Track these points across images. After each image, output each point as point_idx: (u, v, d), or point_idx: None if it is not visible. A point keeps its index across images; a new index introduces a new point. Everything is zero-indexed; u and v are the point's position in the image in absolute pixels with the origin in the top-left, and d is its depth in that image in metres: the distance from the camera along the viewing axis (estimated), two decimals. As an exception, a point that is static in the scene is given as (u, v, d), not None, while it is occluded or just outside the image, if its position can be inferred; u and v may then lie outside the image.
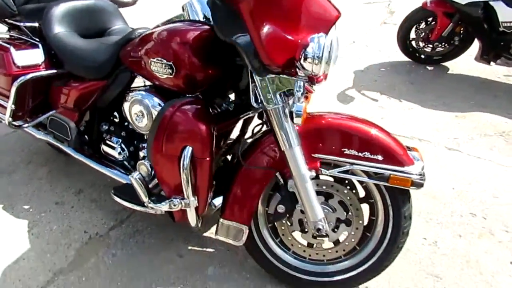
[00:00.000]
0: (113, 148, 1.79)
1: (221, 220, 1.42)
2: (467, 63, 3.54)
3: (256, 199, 1.37)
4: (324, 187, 1.35)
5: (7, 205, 2.04)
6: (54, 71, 1.85)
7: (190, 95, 1.34)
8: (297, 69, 1.12)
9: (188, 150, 1.24)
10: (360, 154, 1.25)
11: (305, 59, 1.08)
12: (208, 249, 1.73)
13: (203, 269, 1.63)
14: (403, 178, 1.22)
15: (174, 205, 1.29)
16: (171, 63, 1.32)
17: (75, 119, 1.86)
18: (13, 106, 1.83)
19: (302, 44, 1.09)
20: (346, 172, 1.29)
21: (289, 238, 1.45)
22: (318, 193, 1.34)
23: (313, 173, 1.26)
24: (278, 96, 1.17)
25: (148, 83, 1.56)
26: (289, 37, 1.09)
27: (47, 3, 1.93)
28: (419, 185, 1.23)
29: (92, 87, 1.77)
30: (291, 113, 1.15)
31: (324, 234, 1.33)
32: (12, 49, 1.77)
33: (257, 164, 1.34)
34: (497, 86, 3.21)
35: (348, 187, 1.40)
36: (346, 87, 3.25)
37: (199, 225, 1.39)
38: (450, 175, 2.16)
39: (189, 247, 1.74)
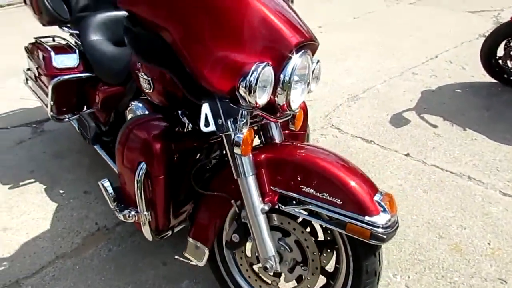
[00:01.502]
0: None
1: (188, 237, 1.41)
2: None
3: (217, 223, 1.33)
4: (281, 223, 1.25)
5: (48, 186, 2.31)
6: (87, 74, 2.04)
7: (156, 113, 1.36)
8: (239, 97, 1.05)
9: (143, 166, 1.25)
10: (318, 194, 1.12)
11: (245, 88, 1.01)
12: (192, 262, 1.73)
13: (179, 281, 1.65)
14: (361, 228, 1.06)
15: (129, 217, 1.32)
16: (149, 78, 1.35)
17: (100, 119, 2.03)
18: (51, 102, 2.07)
19: (243, 71, 1.02)
20: (307, 211, 1.17)
21: (247, 270, 1.37)
22: (276, 228, 1.25)
23: (266, 207, 1.18)
24: (229, 123, 1.12)
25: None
26: (233, 62, 1.04)
27: (96, 12, 2.13)
28: (380, 239, 1.06)
29: (113, 92, 1.92)
30: (234, 141, 1.09)
31: (272, 273, 1.23)
32: (52, 53, 2.01)
33: (216, 190, 1.30)
34: None
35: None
36: (406, 108, 2.93)
37: (157, 239, 1.40)
38: (491, 226, 1.81)
39: (176, 256, 1.77)
